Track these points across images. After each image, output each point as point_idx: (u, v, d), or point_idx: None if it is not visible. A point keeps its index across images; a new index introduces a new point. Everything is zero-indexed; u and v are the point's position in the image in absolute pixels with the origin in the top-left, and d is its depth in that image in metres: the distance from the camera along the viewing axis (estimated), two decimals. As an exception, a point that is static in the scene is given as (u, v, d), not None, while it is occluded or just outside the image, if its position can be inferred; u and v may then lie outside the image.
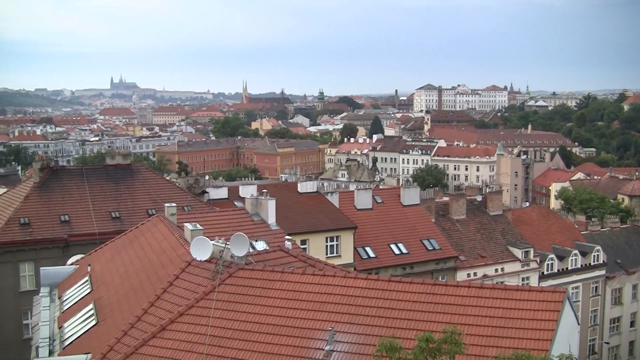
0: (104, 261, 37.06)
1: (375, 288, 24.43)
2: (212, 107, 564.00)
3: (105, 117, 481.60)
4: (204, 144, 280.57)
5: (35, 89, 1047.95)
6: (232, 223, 40.91)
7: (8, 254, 57.20)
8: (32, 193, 60.98)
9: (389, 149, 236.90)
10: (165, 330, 24.63)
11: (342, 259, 63.58)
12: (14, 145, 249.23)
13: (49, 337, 30.25)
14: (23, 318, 57.04)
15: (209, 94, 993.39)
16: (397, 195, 75.11)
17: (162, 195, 62.14)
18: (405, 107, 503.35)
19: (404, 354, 18.25)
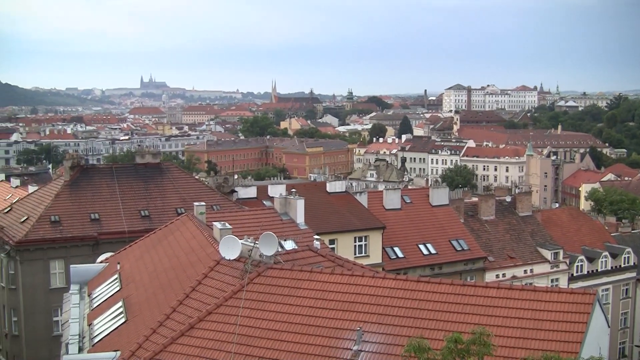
0: (133, 259, 37.21)
1: (404, 288, 24.37)
2: (241, 107, 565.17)
3: (135, 116, 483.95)
4: (233, 143, 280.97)
5: (66, 88, 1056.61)
6: (261, 222, 40.98)
7: (39, 252, 57.65)
8: (62, 191, 61.40)
9: (417, 149, 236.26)
10: (194, 328, 24.70)
11: (371, 259, 63.50)
12: (45, 143, 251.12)
13: (79, 334, 30.43)
14: (53, 315, 57.44)
15: (238, 94, 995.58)
16: (426, 195, 74.94)
17: (191, 194, 62.35)
18: (434, 107, 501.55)
19: (433, 355, 18.21)
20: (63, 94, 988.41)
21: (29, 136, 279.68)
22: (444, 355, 18.20)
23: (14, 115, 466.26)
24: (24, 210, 62.44)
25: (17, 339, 59.99)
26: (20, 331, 59.45)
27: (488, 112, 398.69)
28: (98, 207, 60.81)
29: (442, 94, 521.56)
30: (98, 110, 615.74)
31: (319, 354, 22.49)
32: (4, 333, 62.91)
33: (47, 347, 57.19)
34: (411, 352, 18.50)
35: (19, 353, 60.07)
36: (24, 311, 58.75)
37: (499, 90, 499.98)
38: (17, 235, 57.59)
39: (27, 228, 57.98)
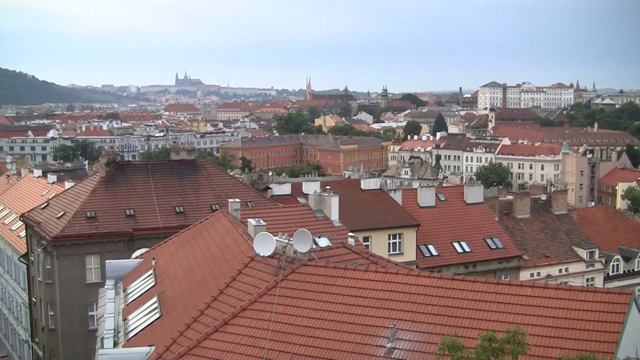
0: (168, 255, 37.41)
1: (438, 286, 24.30)
2: (275, 104, 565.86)
3: (170, 113, 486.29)
4: (268, 140, 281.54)
5: (102, 85, 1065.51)
6: (295, 219, 41.08)
7: (75, 247, 58.12)
8: (98, 187, 61.84)
9: (452, 147, 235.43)
10: (228, 324, 24.78)
11: (405, 256, 63.37)
12: (81, 140, 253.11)
13: (114, 329, 30.64)
14: (88, 309, 57.95)
15: (272, 91, 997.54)
16: (461, 193, 74.68)
17: (226, 191, 62.55)
18: (469, 104, 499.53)
19: (467, 353, 18.14)
20: (99, 91, 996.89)
21: (65, 133, 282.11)
22: (478, 353, 18.13)
23: (51, 112, 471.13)
24: (60, 206, 62.97)
25: (53, 332, 60.56)
26: (57, 325, 60.00)
27: (523, 110, 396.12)
28: (133, 203, 61.20)
29: (478, 91, 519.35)
30: (133, 107, 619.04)
31: (353, 350, 22.49)
32: (41, 327, 63.56)
33: (83, 341, 57.66)
34: (445, 350, 18.45)
35: (55, 346, 60.64)
36: (60, 305, 59.29)
37: (534, 88, 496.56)
38: (54, 230, 58.09)
39: (63, 224, 58.47)
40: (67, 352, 59.49)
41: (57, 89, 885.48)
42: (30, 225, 63.36)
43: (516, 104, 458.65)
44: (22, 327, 75.49)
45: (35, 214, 64.38)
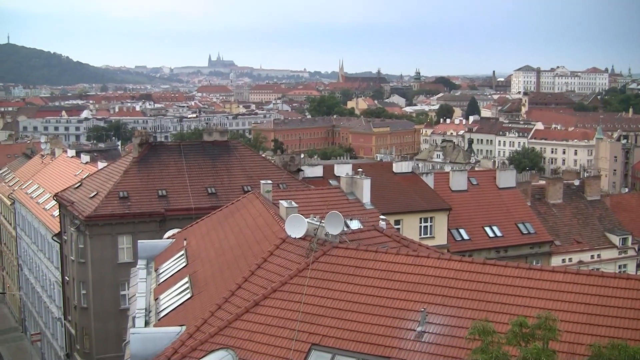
0: (200, 236, 37.52)
1: (469, 270, 24.20)
2: (308, 86, 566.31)
3: (203, 94, 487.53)
4: (300, 122, 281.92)
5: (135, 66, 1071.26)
6: (327, 201, 41.11)
7: (107, 227, 58.51)
8: (131, 168, 62.15)
9: (485, 131, 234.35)
10: (259, 305, 24.83)
11: (436, 240, 63.24)
12: (115, 121, 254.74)
13: (145, 308, 30.79)
14: (120, 289, 58.40)
15: (305, 73, 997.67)
16: (493, 177, 74.37)
17: (258, 172, 62.65)
18: (502, 88, 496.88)
19: (497, 338, 18.07)
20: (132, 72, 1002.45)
21: (98, 113, 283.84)
22: (509, 338, 18.06)
23: (85, 93, 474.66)
24: (93, 185, 63.38)
25: (85, 311, 61.10)
26: (89, 304, 60.53)
27: (557, 94, 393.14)
28: (166, 183, 61.47)
29: (511, 75, 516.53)
30: (166, 88, 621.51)
31: (383, 333, 22.46)
32: (74, 305, 64.15)
33: (115, 319, 58.19)
34: (475, 335, 18.39)
35: (87, 325, 61.20)
36: (93, 284, 59.78)
37: (568, 72, 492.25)
38: (87, 210, 58.50)
39: (96, 203, 58.86)
40: (99, 331, 60.02)
41: (91, 69, 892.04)
42: (64, 204, 63.82)
43: (550, 88, 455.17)
44: (55, 305, 76.19)
45: (69, 193, 64.83)
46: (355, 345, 22.33)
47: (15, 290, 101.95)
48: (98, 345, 60.12)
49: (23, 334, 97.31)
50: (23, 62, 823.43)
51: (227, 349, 23.40)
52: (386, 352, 21.75)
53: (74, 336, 65.53)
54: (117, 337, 55.03)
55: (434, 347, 21.44)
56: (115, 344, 54.96)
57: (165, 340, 24.70)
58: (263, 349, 23.09)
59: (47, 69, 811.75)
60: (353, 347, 22.33)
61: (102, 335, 59.84)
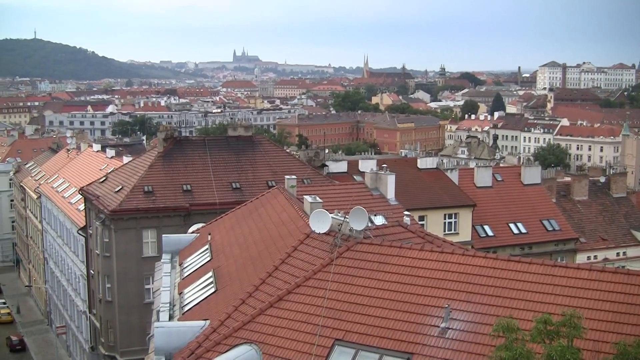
0: (224, 231, 37.60)
1: (494, 267, 24.09)
2: (332, 81, 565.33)
3: (228, 89, 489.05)
4: (324, 117, 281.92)
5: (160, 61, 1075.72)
6: (351, 197, 40.97)
7: (132, 221, 58.79)
8: (156, 162, 62.39)
9: (510, 127, 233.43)
10: (282, 300, 24.85)
11: (460, 236, 63.11)
12: (140, 115, 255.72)
13: (170, 302, 30.89)
14: (145, 283, 58.65)
15: (329, 68, 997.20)
16: (518, 174, 74.08)
17: (282, 167, 62.70)
18: (527, 84, 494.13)
19: (521, 335, 17.97)
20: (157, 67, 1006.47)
21: (124, 108, 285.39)
22: (533, 336, 17.96)
23: (110, 88, 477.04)
24: (118, 180, 63.69)
25: (110, 304, 61.44)
26: (114, 297, 60.86)
27: (583, 90, 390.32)
28: (190, 178, 61.66)
29: (536, 71, 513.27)
30: (191, 84, 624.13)
31: (406, 329, 22.42)
32: (98, 298, 64.52)
33: (139, 313, 58.48)
34: (499, 332, 18.29)
35: (112, 318, 61.53)
36: (117, 278, 60.10)
37: (595, 68, 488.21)
38: (112, 204, 58.80)
39: (121, 197, 59.15)
40: (123, 324, 60.33)
41: (116, 64, 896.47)
42: (89, 198, 64.18)
43: (576, 84, 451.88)
44: (80, 298, 76.66)
45: (94, 187, 65.20)
46: (379, 341, 22.31)
47: (41, 283, 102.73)
48: (122, 338, 60.46)
49: (49, 327, 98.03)
50: (49, 57, 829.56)
51: (251, 343, 23.45)
52: (409, 348, 21.71)
53: (99, 329, 65.92)
54: (141, 331, 55.31)
55: (457, 343, 21.38)
56: (139, 337, 55.28)
57: (189, 334, 24.79)
58: (286, 344, 23.11)
59: (73, 64, 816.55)
60: (376, 342, 22.31)
61: (126, 328, 60.16)
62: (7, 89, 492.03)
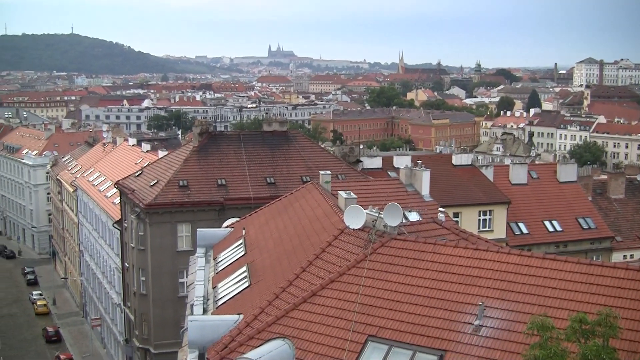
0: (258, 225, 37.67)
1: (528, 265, 23.94)
2: (367, 77, 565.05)
3: (263, 84, 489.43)
4: (359, 113, 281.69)
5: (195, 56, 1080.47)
6: (385, 192, 40.99)
7: (167, 215, 59.11)
8: (191, 157, 62.67)
9: (546, 124, 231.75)
10: (316, 295, 24.87)
11: (495, 233, 62.83)
12: (175, 110, 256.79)
13: (204, 296, 30.99)
14: (179, 276, 58.95)
15: (365, 64, 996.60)
16: (553, 171, 73.55)
17: (317, 163, 62.73)
18: (564, 81, 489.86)
19: (556, 334, 17.85)
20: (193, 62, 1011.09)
21: (159, 103, 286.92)
22: (568, 335, 17.84)
23: (146, 82, 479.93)
24: (153, 174, 64.03)
25: (144, 297, 61.83)
26: (148, 290, 61.25)
27: (621, 88, 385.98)
28: (225, 173, 61.86)
29: (573, 67, 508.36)
30: (226, 78, 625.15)
31: (440, 326, 22.35)
32: (133, 291, 64.96)
33: (173, 306, 58.82)
34: (534, 330, 18.17)
35: (146, 311, 61.93)
36: (152, 271, 60.48)
37: (633, 65, 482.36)
38: (147, 198, 59.15)
39: (156, 192, 59.49)
40: (157, 317, 60.71)
41: (152, 59, 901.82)
42: (125, 192, 64.60)
43: (613, 82, 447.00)
44: (114, 291, 77.26)
45: (130, 181, 65.62)
46: (412, 338, 22.26)
47: (76, 276, 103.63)
48: (156, 331, 60.84)
49: (84, 319, 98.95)
50: (86, 52, 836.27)
51: (284, 338, 23.49)
52: (443, 345, 21.64)
53: (133, 322, 66.38)
54: (175, 324, 55.63)
55: (491, 341, 21.27)
56: (173, 330, 55.59)
57: (222, 328, 24.85)
58: (319, 339, 23.12)
59: (109, 59, 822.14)
60: (409, 339, 22.26)
61: (160, 321, 60.53)
62: (44, 83, 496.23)
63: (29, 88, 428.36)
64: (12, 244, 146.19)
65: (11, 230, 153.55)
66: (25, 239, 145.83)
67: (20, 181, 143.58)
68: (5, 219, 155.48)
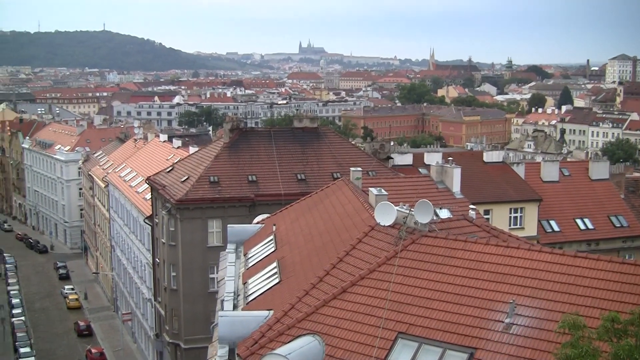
0: (289, 222, 37.71)
1: (560, 263, 23.77)
2: (398, 73, 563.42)
3: (293, 81, 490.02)
4: (390, 109, 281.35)
5: (226, 53, 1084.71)
6: (416, 189, 40.88)
7: (198, 211, 59.32)
8: (222, 153, 62.84)
9: (578, 121, 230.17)
10: (346, 292, 24.86)
11: (526, 231, 62.48)
12: (206, 106, 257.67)
13: (234, 292, 31.10)
14: (209, 272, 59.13)
15: (395, 60, 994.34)
16: (585, 168, 72.99)
17: (347, 159, 62.72)
18: (596, 77, 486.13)
19: (588, 333, 17.72)
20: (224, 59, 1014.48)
21: (190, 99, 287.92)
22: (600, 334, 17.70)
23: (177, 79, 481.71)
24: (184, 170, 64.29)
25: (175, 292, 62.12)
26: (178, 285, 61.53)
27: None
28: (256, 169, 61.99)
29: (606, 64, 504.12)
30: (257, 75, 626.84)
31: (470, 324, 22.26)
32: (163, 287, 65.27)
33: (203, 302, 59.08)
34: (565, 329, 18.04)
35: (177, 306, 62.21)
36: (182, 267, 60.75)
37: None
38: (178, 194, 59.40)
39: (187, 187, 59.72)
40: (187, 312, 60.98)
41: (183, 56, 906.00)
42: (156, 188, 64.93)
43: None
44: (145, 286, 77.67)
45: (161, 177, 65.92)
46: (442, 335, 22.19)
47: (107, 271, 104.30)
48: (186, 326, 61.13)
49: (115, 313, 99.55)
50: (118, 48, 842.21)
51: (314, 334, 23.51)
52: (473, 343, 21.55)
53: (164, 317, 66.71)
54: (205, 319, 55.90)
55: (522, 339, 21.14)
56: (203, 326, 55.84)
57: (253, 324, 24.94)
58: (349, 336, 23.12)
59: (141, 55, 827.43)
60: (439, 336, 22.19)
61: (190, 317, 60.80)
62: (76, 79, 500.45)
63: (61, 84, 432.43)
64: (45, 238, 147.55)
65: (44, 225, 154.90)
66: (57, 233, 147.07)
67: (53, 177, 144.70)
68: (38, 214, 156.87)
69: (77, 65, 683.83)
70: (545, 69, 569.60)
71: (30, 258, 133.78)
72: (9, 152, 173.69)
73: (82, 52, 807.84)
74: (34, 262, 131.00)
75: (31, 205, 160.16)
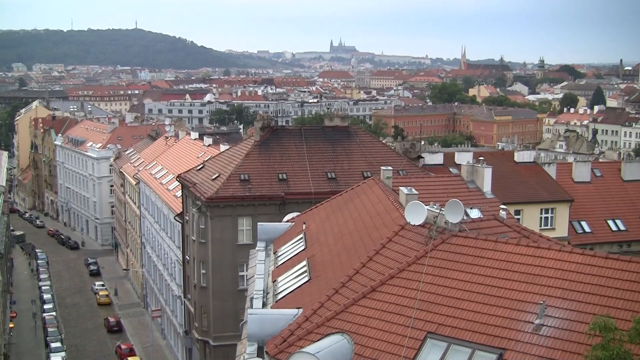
0: (319, 220, 37.73)
1: (591, 264, 23.60)
2: (429, 73, 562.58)
3: (324, 79, 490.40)
4: (421, 109, 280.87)
5: (257, 51, 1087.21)
6: (447, 189, 40.76)
7: (228, 208, 59.45)
8: (252, 151, 62.95)
9: (610, 121, 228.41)
10: (375, 291, 24.85)
11: (556, 232, 62.15)
12: (237, 104, 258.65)
13: (263, 290, 31.16)
14: (239, 270, 59.28)
15: (426, 59, 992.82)
16: (618, 169, 72.47)
17: (378, 158, 62.64)
18: (630, 77, 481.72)
19: (619, 335, 17.61)
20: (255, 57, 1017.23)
21: (221, 97, 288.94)
22: (631, 336, 17.58)
23: (208, 77, 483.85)
24: (215, 168, 64.48)
25: (204, 290, 62.31)
26: (208, 283, 61.70)
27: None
28: (286, 167, 62.04)
29: (639, 64, 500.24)
30: (288, 73, 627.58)
31: (500, 325, 22.18)
32: (193, 284, 65.49)
33: (232, 299, 59.20)
34: (596, 331, 17.94)
35: (206, 304, 62.40)
36: (212, 264, 60.90)
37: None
38: (208, 191, 59.57)
39: (217, 185, 59.88)
40: (217, 310, 61.14)
41: (214, 54, 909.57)
42: (186, 185, 65.18)
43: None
44: (175, 283, 77.97)
45: (191, 175, 66.16)
46: (471, 335, 22.13)
47: (138, 267, 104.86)
48: (216, 323, 61.29)
49: (144, 310, 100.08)
50: (149, 46, 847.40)
51: (343, 333, 23.52)
52: (502, 344, 21.47)
53: (193, 314, 66.96)
54: (234, 317, 56.00)
55: (552, 340, 21.02)
56: (232, 323, 55.95)
57: (282, 322, 24.97)
58: (378, 335, 23.11)
59: (172, 54, 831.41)
60: (469, 337, 22.13)
61: (220, 314, 60.96)
62: (109, 77, 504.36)
63: (93, 82, 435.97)
64: (76, 235, 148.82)
65: (75, 222, 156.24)
66: (88, 230, 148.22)
67: (85, 174, 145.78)
68: (69, 211, 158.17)
69: (109, 63, 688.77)
70: (578, 69, 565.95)
71: (62, 254, 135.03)
72: (42, 149, 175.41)
73: (114, 50, 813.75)
74: (66, 258, 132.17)
75: (63, 202, 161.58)
